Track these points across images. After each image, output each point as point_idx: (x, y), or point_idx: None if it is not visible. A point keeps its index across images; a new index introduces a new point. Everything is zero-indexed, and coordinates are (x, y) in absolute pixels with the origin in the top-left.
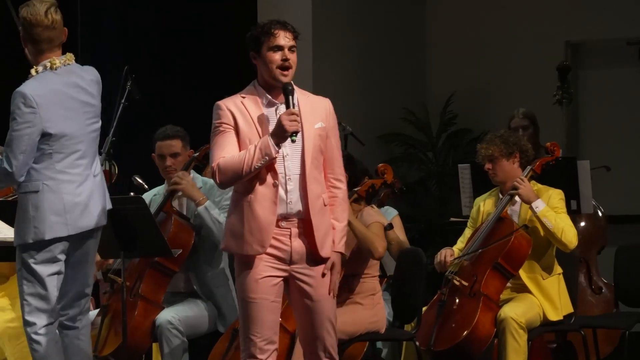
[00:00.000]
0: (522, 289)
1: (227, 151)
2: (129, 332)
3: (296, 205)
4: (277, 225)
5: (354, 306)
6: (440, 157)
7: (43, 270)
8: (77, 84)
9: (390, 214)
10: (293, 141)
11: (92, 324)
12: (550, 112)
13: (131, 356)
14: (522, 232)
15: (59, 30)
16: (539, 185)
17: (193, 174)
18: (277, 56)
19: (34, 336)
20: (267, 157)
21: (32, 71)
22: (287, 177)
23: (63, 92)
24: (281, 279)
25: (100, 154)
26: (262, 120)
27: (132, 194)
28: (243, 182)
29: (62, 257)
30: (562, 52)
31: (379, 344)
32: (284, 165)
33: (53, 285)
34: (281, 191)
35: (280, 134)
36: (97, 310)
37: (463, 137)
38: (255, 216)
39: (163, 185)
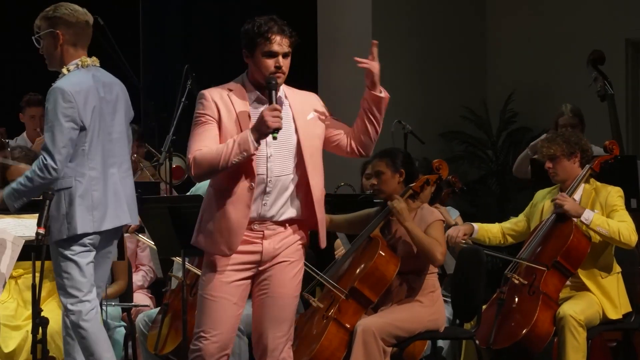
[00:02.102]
0: (581, 287)
1: (205, 144)
2: (189, 330)
3: (272, 208)
4: (249, 228)
5: (413, 304)
6: (501, 155)
7: (81, 260)
8: (106, 83)
9: (452, 214)
10: (274, 138)
11: (152, 322)
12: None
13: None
14: (581, 230)
15: (86, 29)
16: (597, 184)
17: None
18: (270, 62)
19: (82, 323)
20: (245, 153)
21: (64, 70)
22: (267, 179)
23: (95, 90)
24: (248, 280)
25: (160, 152)
26: (246, 116)
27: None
28: (219, 178)
29: (94, 250)
30: (622, 50)
31: (439, 342)
32: (267, 167)
33: (90, 274)
34: (258, 193)
35: (262, 130)
36: (157, 309)
37: (523, 135)
38: (226, 217)
39: None
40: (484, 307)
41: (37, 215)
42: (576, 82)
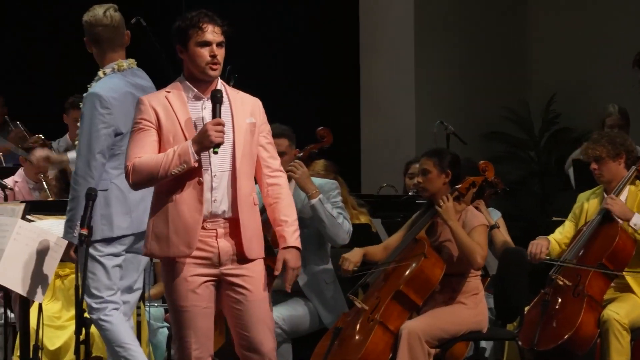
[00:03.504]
0: (626, 288)
1: (145, 151)
2: None
3: (222, 204)
4: (203, 227)
5: (457, 306)
6: (543, 156)
7: (108, 262)
8: (142, 86)
9: (494, 216)
10: (215, 152)
11: None
12: None
13: (235, 356)
14: (627, 231)
15: (119, 29)
16: None
17: None
18: (205, 52)
19: (103, 316)
20: (184, 165)
21: (100, 73)
22: (212, 174)
23: (131, 94)
24: (212, 282)
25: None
26: (186, 114)
27: None
28: (165, 182)
29: (124, 253)
30: None
31: (482, 343)
32: (210, 162)
33: (116, 277)
34: (206, 189)
35: (204, 143)
36: None
37: (565, 136)
38: (180, 216)
39: None
40: (526, 307)
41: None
42: (619, 82)
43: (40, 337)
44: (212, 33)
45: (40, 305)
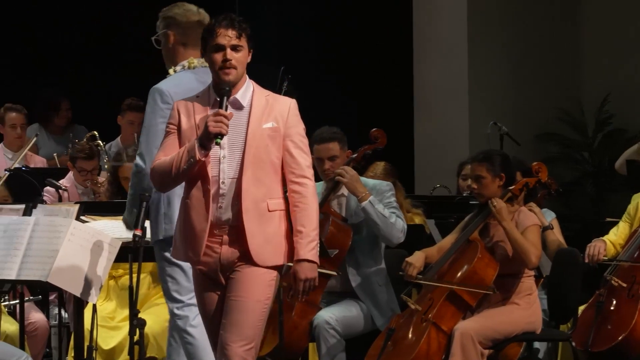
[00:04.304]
0: None
1: (166, 153)
2: (287, 332)
3: (227, 212)
4: (211, 233)
5: (510, 306)
6: (596, 157)
7: (184, 263)
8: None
9: (548, 217)
10: (217, 144)
11: None
12: None
13: (288, 356)
14: None
15: (198, 30)
16: None
17: None
18: (218, 57)
19: (189, 329)
20: (192, 160)
21: (170, 71)
22: (221, 181)
23: (195, 91)
24: (216, 289)
25: None
26: (204, 122)
27: None
28: (184, 186)
29: None
30: None
31: (535, 344)
32: (219, 168)
33: None
34: (212, 195)
35: (204, 135)
36: None
37: (619, 137)
38: (188, 223)
39: (318, 184)
40: (580, 308)
41: None
42: None
43: (94, 338)
44: (224, 36)
45: (94, 306)
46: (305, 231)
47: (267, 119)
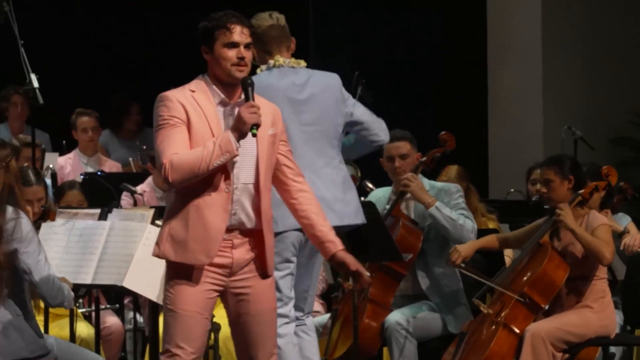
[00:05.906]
0: None
1: (180, 147)
2: (361, 335)
3: (239, 217)
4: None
5: (583, 309)
6: None
7: (275, 273)
8: (298, 84)
9: (624, 221)
10: (254, 135)
11: (323, 328)
12: None
13: (361, 359)
14: None
15: (284, 30)
16: None
17: (421, 177)
18: (232, 53)
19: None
20: (227, 154)
21: (258, 70)
22: (233, 186)
23: (276, 89)
24: (217, 294)
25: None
26: (215, 117)
27: (362, 198)
28: (191, 184)
29: (294, 258)
30: None
31: (611, 349)
32: (232, 174)
33: (286, 287)
34: (227, 199)
35: (241, 128)
36: (328, 315)
37: None
38: (204, 222)
39: (387, 188)
40: None
41: None
42: None
43: None
44: (240, 34)
45: None
46: (329, 225)
47: (268, 126)
